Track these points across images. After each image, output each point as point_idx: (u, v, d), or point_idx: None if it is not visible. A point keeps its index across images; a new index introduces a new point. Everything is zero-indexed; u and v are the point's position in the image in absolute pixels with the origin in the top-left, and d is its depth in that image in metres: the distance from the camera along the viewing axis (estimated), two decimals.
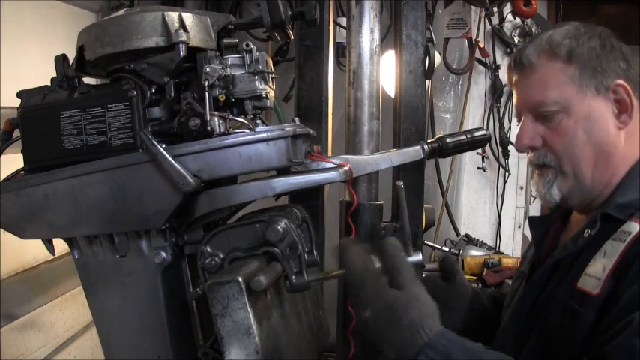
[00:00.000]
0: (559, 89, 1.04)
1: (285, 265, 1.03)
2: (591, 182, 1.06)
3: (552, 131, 1.06)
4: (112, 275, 1.12)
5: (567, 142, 1.05)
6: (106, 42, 1.03)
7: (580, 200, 1.10)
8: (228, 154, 1.02)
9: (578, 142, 1.04)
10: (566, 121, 1.05)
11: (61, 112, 1.09)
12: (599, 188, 1.07)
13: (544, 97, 1.06)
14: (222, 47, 1.11)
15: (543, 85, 1.06)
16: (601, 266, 0.96)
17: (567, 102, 1.04)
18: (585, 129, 1.04)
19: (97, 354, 1.76)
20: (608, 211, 1.01)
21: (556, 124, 1.05)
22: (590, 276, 0.97)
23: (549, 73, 1.06)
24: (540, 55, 1.07)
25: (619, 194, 1.03)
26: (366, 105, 1.56)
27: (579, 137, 1.04)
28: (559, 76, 1.05)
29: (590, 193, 1.08)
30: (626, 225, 0.97)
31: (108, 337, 1.17)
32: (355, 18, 1.56)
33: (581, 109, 1.04)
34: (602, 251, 0.97)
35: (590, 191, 1.07)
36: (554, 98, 1.05)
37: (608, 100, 1.04)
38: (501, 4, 2.83)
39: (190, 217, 1.09)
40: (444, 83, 3.22)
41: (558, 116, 1.05)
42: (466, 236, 2.89)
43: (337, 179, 1.15)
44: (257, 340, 0.91)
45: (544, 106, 1.06)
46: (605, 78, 1.04)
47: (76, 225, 1.11)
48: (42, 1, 2.13)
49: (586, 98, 1.04)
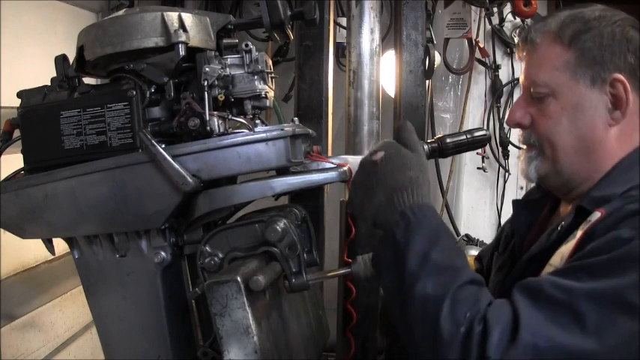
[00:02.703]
0: (551, 73, 1.03)
1: (284, 265, 1.03)
2: (569, 171, 1.05)
3: (541, 112, 1.05)
4: (112, 275, 1.13)
5: (550, 125, 1.04)
6: (106, 42, 1.03)
7: (557, 184, 1.09)
8: (227, 154, 1.02)
9: (560, 129, 1.03)
10: (554, 105, 1.03)
11: (61, 112, 1.09)
12: (577, 179, 1.05)
13: (536, 77, 1.05)
14: (221, 47, 1.11)
15: (539, 65, 1.06)
16: (560, 255, 0.96)
17: (557, 87, 1.03)
18: (571, 117, 1.02)
19: (97, 354, 1.76)
20: (583, 204, 0.99)
21: (545, 107, 1.04)
22: (551, 265, 0.97)
23: (546, 55, 1.04)
24: (544, 35, 1.05)
25: (596, 188, 1.01)
26: (366, 105, 1.56)
27: (562, 124, 1.03)
28: (554, 60, 1.03)
29: (569, 182, 1.06)
30: (592, 215, 0.94)
31: (108, 337, 1.17)
32: (355, 18, 1.56)
33: (570, 96, 1.02)
34: (566, 241, 0.96)
35: (567, 179, 1.06)
36: (544, 80, 1.04)
37: (603, 93, 1.01)
38: (501, 4, 2.83)
39: (190, 217, 1.09)
40: (444, 83, 3.22)
41: (548, 99, 1.04)
42: (466, 236, 2.89)
43: (337, 179, 1.15)
44: (256, 340, 0.91)
45: (534, 86, 1.05)
46: (603, 70, 1.00)
47: (76, 225, 1.11)
48: (42, 1, 2.13)
49: (578, 87, 1.02)
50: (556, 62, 1.03)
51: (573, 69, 1.02)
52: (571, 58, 1.02)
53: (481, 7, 2.87)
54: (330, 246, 1.67)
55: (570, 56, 1.02)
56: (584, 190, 1.05)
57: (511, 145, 3.11)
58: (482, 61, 3.13)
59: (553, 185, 1.11)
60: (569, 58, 1.02)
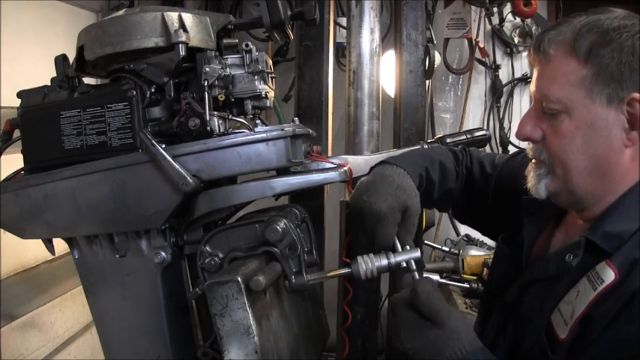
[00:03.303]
0: (565, 89, 0.96)
1: (284, 265, 1.03)
2: (582, 192, 1.00)
3: (553, 129, 0.99)
4: (112, 275, 1.12)
5: (564, 145, 0.98)
6: (106, 42, 1.03)
7: (568, 203, 1.05)
8: (227, 154, 1.02)
9: (574, 149, 0.97)
10: (567, 123, 0.97)
11: (61, 112, 1.09)
12: (590, 200, 1.00)
13: (549, 92, 0.98)
14: (221, 47, 1.11)
15: (552, 79, 0.98)
16: (571, 309, 0.92)
17: (571, 104, 0.96)
18: (585, 137, 0.96)
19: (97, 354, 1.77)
20: (594, 239, 0.94)
21: (558, 124, 0.98)
22: (562, 315, 0.94)
23: (561, 70, 0.97)
24: (559, 46, 0.98)
25: (609, 221, 0.96)
26: (366, 105, 1.56)
27: (577, 144, 0.97)
28: (569, 76, 0.96)
29: (581, 201, 1.02)
30: (601, 267, 0.91)
31: (108, 337, 1.17)
32: (355, 18, 1.56)
33: (585, 115, 0.96)
34: (576, 290, 0.93)
35: (580, 200, 1.01)
36: (557, 97, 0.97)
37: (620, 112, 0.94)
38: (501, 4, 2.83)
39: (190, 217, 1.09)
40: (444, 83, 3.22)
41: (561, 116, 0.97)
42: (466, 236, 2.88)
43: (337, 179, 1.15)
44: (256, 340, 0.91)
45: (547, 102, 0.99)
46: (621, 88, 0.93)
47: (76, 225, 1.11)
48: (42, 0, 2.13)
49: (594, 106, 0.95)
50: (571, 78, 0.96)
51: (589, 86, 0.94)
52: (587, 75, 0.95)
53: (481, 7, 2.87)
54: (330, 246, 1.66)
55: (587, 72, 0.95)
56: (596, 212, 1.00)
57: (511, 145, 3.11)
58: (482, 61, 3.13)
59: (564, 203, 1.06)
60: (586, 75, 0.95)
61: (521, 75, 3.18)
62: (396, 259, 1.03)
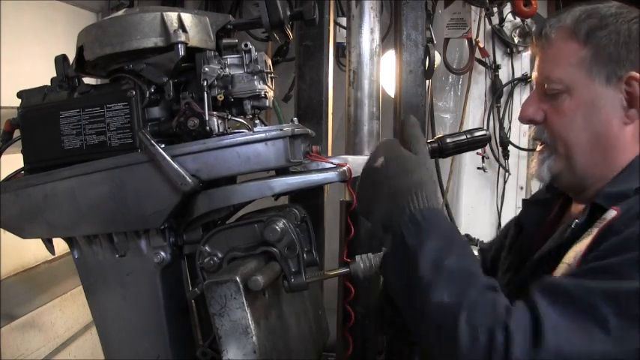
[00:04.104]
0: (566, 70, 1.02)
1: (283, 265, 1.03)
2: (584, 169, 1.04)
3: (555, 109, 1.04)
4: (112, 275, 1.13)
5: (565, 123, 1.03)
6: (105, 42, 1.03)
7: (570, 183, 1.08)
8: (226, 154, 1.02)
9: (574, 126, 1.02)
10: (568, 102, 1.02)
11: (61, 112, 1.09)
12: (591, 178, 1.04)
13: (551, 74, 1.04)
14: (221, 47, 1.11)
15: (553, 62, 1.04)
16: (574, 253, 0.95)
17: (572, 84, 1.01)
18: (585, 115, 1.01)
19: (97, 354, 1.77)
20: (597, 201, 0.98)
21: (559, 103, 1.03)
22: (564, 263, 0.96)
23: (562, 52, 1.03)
24: (560, 31, 1.04)
25: (611, 184, 1.00)
26: (366, 105, 1.56)
27: (577, 122, 1.02)
28: (570, 57, 1.02)
29: (583, 180, 1.05)
30: (607, 213, 0.94)
31: (107, 337, 1.17)
32: (355, 18, 1.56)
33: (585, 94, 1.01)
34: (581, 239, 0.95)
35: (582, 178, 1.05)
36: (559, 77, 1.02)
37: (618, 91, 1.00)
38: (501, 4, 2.83)
39: (189, 217, 1.09)
40: (444, 83, 3.22)
41: (562, 96, 1.02)
42: (466, 236, 2.88)
43: (336, 179, 1.15)
44: (255, 340, 0.91)
45: (549, 82, 1.04)
46: (619, 67, 0.99)
47: (76, 225, 1.11)
48: (42, 0, 2.13)
49: (593, 85, 1.00)
50: (571, 59, 1.02)
51: (589, 66, 1.00)
52: (587, 55, 1.00)
53: (481, 7, 2.87)
54: (330, 246, 1.67)
55: (586, 53, 1.00)
56: (597, 190, 1.03)
57: (511, 145, 3.11)
58: (482, 61, 3.13)
59: (566, 184, 1.09)
60: (585, 55, 1.00)
61: (521, 75, 3.17)
62: None
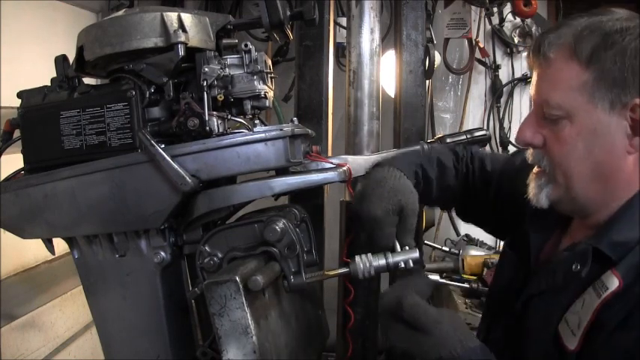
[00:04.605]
0: (566, 94, 0.94)
1: (283, 265, 1.03)
2: (584, 199, 0.98)
3: (554, 135, 0.97)
4: (112, 275, 1.13)
5: (565, 152, 0.96)
6: (105, 42, 1.03)
7: (571, 210, 1.04)
8: (226, 154, 1.02)
9: (575, 156, 0.95)
10: (569, 129, 0.95)
11: (61, 113, 1.09)
12: (593, 207, 0.99)
13: (549, 98, 0.96)
14: (221, 47, 1.11)
15: (552, 84, 0.96)
16: (577, 319, 0.91)
17: (573, 110, 0.94)
18: (587, 143, 0.94)
19: (97, 354, 1.77)
20: (601, 248, 0.93)
21: (559, 129, 0.96)
22: (568, 326, 0.93)
23: (561, 74, 0.95)
24: (559, 50, 0.95)
25: (616, 230, 0.94)
26: (366, 105, 1.56)
27: (578, 150, 0.95)
28: (571, 81, 0.94)
29: (583, 209, 1.00)
30: (606, 276, 0.90)
31: (107, 337, 1.17)
32: (355, 18, 1.56)
33: (587, 121, 0.93)
34: (582, 300, 0.92)
35: (582, 207, 1.00)
36: (558, 102, 0.95)
37: (622, 117, 0.92)
38: (501, 4, 2.84)
39: (189, 217, 1.09)
40: (444, 83, 3.22)
41: (562, 122, 0.95)
42: (466, 236, 2.89)
43: (336, 179, 1.15)
44: (255, 340, 0.91)
45: (548, 107, 0.96)
46: (624, 93, 0.90)
47: (76, 225, 1.11)
48: (42, 1, 2.14)
49: (596, 111, 0.92)
50: (572, 83, 0.94)
51: (591, 91, 0.92)
52: (589, 79, 0.92)
53: (481, 7, 2.87)
54: (330, 246, 1.66)
55: (588, 77, 0.92)
56: (600, 219, 0.99)
57: (511, 145, 3.11)
58: (482, 61, 3.13)
59: (567, 211, 1.05)
60: (587, 79, 0.92)
61: (521, 75, 3.18)
62: (394, 259, 1.03)
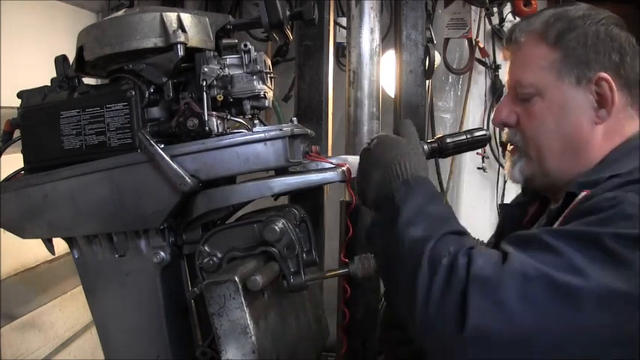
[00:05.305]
0: (537, 73, 1.03)
1: (282, 265, 1.03)
2: (556, 171, 1.05)
3: (526, 112, 1.05)
4: (112, 275, 1.13)
5: (536, 126, 1.04)
6: (105, 43, 1.03)
7: (544, 185, 1.09)
8: (225, 154, 1.02)
9: (545, 129, 1.03)
10: (539, 104, 1.03)
11: (61, 113, 1.09)
12: (565, 179, 1.04)
13: (521, 78, 1.05)
14: (220, 47, 1.11)
15: (524, 65, 1.05)
16: None
17: (543, 87, 1.03)
18: (556, 117, 1.02)
19: (97, 354, 1.77)
20: (571, 189, 0.98)
21: (531, 106, 1.04)
22: None
23: (532, 55, 1.04)
24: (530, 34, 1.05)
25: (585, 175, 1.00)
26: (366, 105, 1.56)
27: (548, 124, 1.03)
28: (540, 60, 1.03)
29: (556, 181, 1.06)
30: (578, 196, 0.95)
31: (107, 337, 1.17)
32: (355, 18, 1.56)
33: (556, 96, 1.02)
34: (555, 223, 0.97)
35: (554, 179, 1.06)
36: (530, 81, 1.04)
37: (588, 92, 1.01)
38: (501, 4, 2.83)
39: (189, 217, 1.09)
40: (444, 83, 3.22)
41: (534, 99, 1.04)
42: None
43: (335, 179, 1.15)
44: (254, 340, 0.91)
45: (520, 87, 1.05)
46: (588, 69, 1.00)
47: (76, 225, 1.11)
48: (42, 0, 2.14)
49: (564, 87, 1.02)
50: (541, 62, 1.03)
51: (559, 69, 1.02)
52: (556, 58, 1.02)
53: (481, 7, 2.87)
54: (330, 246, 1.67)
55: (556, 56, 1.02)
56: None
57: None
58: (482, 61, 3.12)
59: (540, 186, 1.11)
60: (555, 58, 1.02)
61: None
62: None
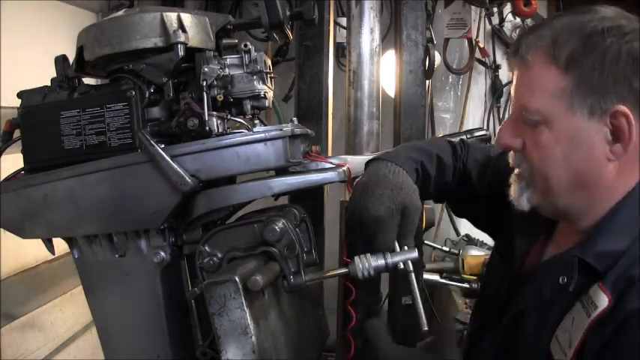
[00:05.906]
0: (545, 100, 0.90)
1: (282, 265, 1.03)
2: (564, 205, 0.95)
3: (533, 140, 0.94)
4: (112, 275, 1.13)
5: (543, 157, 0.93)
6: (105, 43, 1.03)
7: (553, 215, 1.01)
8: (226, 154, 1.02)
9: (553, 163, 0.92)
10: (547, 134, 0.91)
11: (61, 113, 1.09)
12: (575, 214, 0.96)
13: (527, 102, 0.93)
14: (221, 47, 1.11)
15: (531, 89, 0.92)
16: (568, 338, 0.88)
17: (551, 116, 0.90)
18: (565, 150, 0.91)
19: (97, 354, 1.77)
20: (587, 260, 0.90)
21: (537, 134, 0.93)
22: (560, 345, 0.90)
23: (540, 79, 0.91)
24: (537, 52, 0.91)
25: (601, 240, 0.91)
26: (366, 105, 1.56)
27: (556, 157, 0.91)
28: (549, 86, 0.90)
29: (565, 214, 0.98)
30: (594, 291, 0.87)
31: (107, 337, 1.17)
32: (355, 18, 1.56)
33: (565, 128, 0.90)
34: (572, 317, 0.89)
35: (564, 212, 0.97)
36: (536, 107, 0.91)
37: (602, 124, 0.88)
38: (501, 4, 2.84)
39: (189, 217, 1.09)
40: (444, 83, 3.22)
41: (541, 126, 0.92)
42: (466, 236, 2.88)
43: (335, 179, 1.15)
44: (254, 340, 0.91)
45: (526, 112, 0.93)
46: (604, 100, 0.87)
47: (76, 225, 1.11)
48: (42, 1, 2.14)
49: (575, 118, 0.89)
50: (550, 88, 0.90)
51: (570, 98, 0.88)
52: (568, 85, 0.88)
53: (481, 7, 2.87)
54: (330, 246, 1.66)
55: (567, 83, 0.88)
56: (584, 225, 0.96)
57: None
58: (482, 61, 3.13)
59: (549, 215, 1.02)
60: (566, 85, 0.88)
61: None
62: (393, 260, 1.03)
